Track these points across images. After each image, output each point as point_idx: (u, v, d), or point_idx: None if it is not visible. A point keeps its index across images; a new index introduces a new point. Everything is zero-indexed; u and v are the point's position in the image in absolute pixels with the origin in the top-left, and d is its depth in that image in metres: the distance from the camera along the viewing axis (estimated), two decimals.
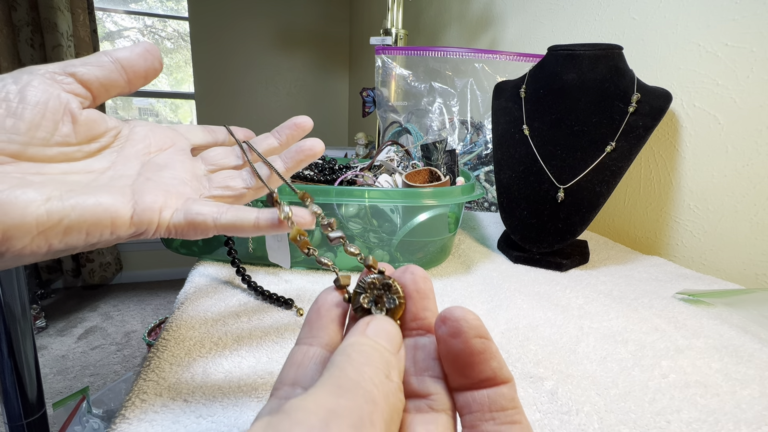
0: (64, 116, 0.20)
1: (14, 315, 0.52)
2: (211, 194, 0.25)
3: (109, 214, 0.20)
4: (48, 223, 0.18)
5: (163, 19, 2.79)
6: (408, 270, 0.18)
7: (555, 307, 0.44)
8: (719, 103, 0.59)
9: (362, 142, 1.40)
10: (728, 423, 0.28)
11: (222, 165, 0.27)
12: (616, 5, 0.74)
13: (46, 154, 0.20)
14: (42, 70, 0.20)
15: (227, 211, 0.22)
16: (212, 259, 0.52)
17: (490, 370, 0.15)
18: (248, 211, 0.22)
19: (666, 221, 0.67)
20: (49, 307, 2.18)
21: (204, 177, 0.26)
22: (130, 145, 0.24)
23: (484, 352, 0.15)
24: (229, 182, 0.26)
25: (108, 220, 0.20)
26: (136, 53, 0.23)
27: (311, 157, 0.27)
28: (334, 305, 0.18)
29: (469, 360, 0.15)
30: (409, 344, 0.17)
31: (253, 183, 0.26)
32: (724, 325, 0.42)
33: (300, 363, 0.16)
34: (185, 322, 0.38)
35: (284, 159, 0.28)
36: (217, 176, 0.26)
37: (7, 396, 0.53)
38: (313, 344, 0.17)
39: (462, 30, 1.30)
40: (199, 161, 0.27)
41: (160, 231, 0.22)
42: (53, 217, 0.18)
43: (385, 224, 0.49)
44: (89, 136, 0.22)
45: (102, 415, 1.03)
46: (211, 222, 0.22)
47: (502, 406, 0.14)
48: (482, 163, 0.85)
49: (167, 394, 0.29)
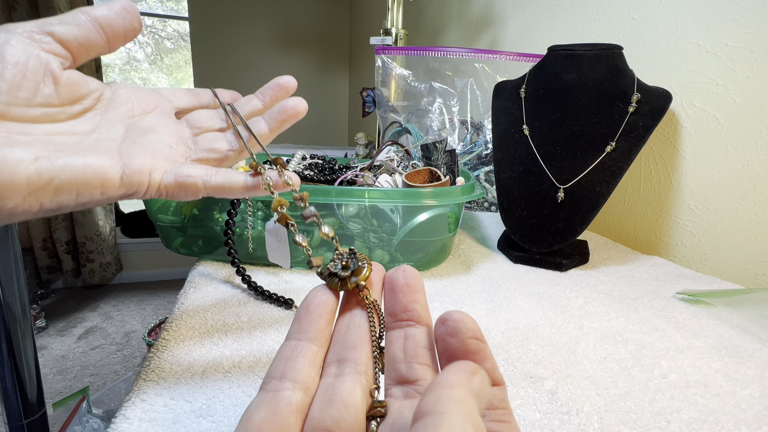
0: (45, 77, 0.20)
1: (14, 315, 0.52)
2: (197, 157, 0.26)
3: (98, 175, 0.20)
4: (38, 183, 0.18)
5: (163, 19, 2.79)
6: (400, 268, 0.19)
7: (555, 307, 0.44)
8: (719, 103, 0.59)
9: (362, 142, 1.40)
10: (728, 423, 0.28)
11: (206, 128, 0.27)
12: (616, 5, 0.74)
13: (29, 115, 0.20)
14: (20, 29, 0.20)
15: (216, 173, 0.23)
16: (212, 259, 0.52)
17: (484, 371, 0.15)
18: (237, 174, 0.23)
19: (666, 221, 0.67)
20: (49, 307, 2.18)
21: (190, 140, 0.26)
22: (113, 108, 0.24)
23: (478, 353, 0.16)
24: (213, 144, 0.26)
25: (98, 181, 0.20)
26: (114, 11, 0.22)
27: (294, 117, 0.27)
28: (323, 303, 0.18)
29: (464, 359, 0.15)
30: (399, 335, 0.18)
31: (237, 145, 0.26)
32: (724, 325, 0.42)
33: (288, 357, 0.16)
34: (185, 322, 0.38)
35: (267, 120, 0.27)
36: (201, 139, 0.26)
37: (7, 396, 0.53)
38: (302, 339, 0.17)
39: (462, 30, 1.30)
40: (183, 124, 0.27)
41: (150, 192, 0.22)
42: (43, 177, 0.18)
43: (385, 224, 0.49)
44: (71, 98, 0.22)
45: (102, 415, 1.03)
46: (201, 184, 0.23)
47: (493, 406, 0.15)
48: (482, 163, 0.85)
49: (167, 394, 0.29)
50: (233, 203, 0.45)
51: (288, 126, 0.28)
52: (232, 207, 0.45)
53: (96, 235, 2.30)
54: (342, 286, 0.19)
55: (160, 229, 0.53)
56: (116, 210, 2.54)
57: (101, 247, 2.34)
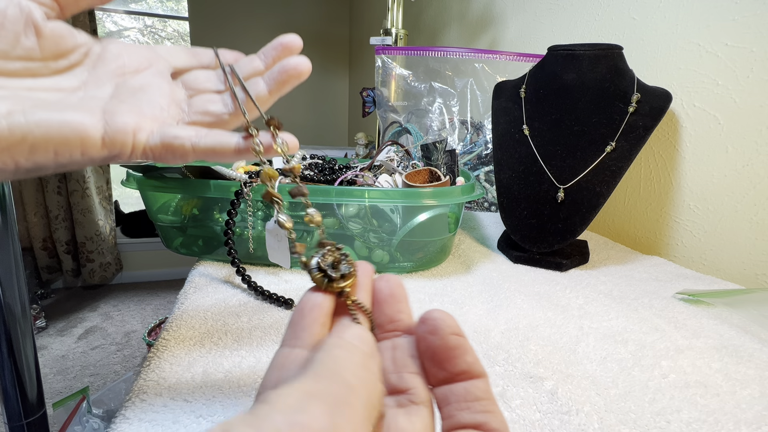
0: (26, 27, 0.19)
1: (14, 315, 0.51)
2: (190, 120, 0.24)
3: (77, 133, 0.19)
4: (10, 139, 0.17)
5: (163, 19, 2.79)
6: (383, 278, 0.19)
7: (555, 307, 0.44)
8: (719, 103, 0.59)
9: (362, 142, 1.40)
10: (728, 423, 0.28)
11: (203, 89, 0.25)
12: (616, 5, 0.74)
13: (7, 68, 0.19)
14: None
15: (206, 135, 0.22)
16: (212, 259, 0.52)
17: (465, 364, 0.16)
18: (229, 135, 0.22)
19: (666, 221, 0.67)
20: (49, 307, 2.18)
21: (184, 102, 0.24)
22: (102, 64, 0.22)
23: (459, 348, 0.16)
24: (208, 107, 0.24)
25: (77, 140, 0.19)
26: None
27: (295, 77, 0.25)
28: (318, 306, 0.18)
29: (446, 354, 0.16)
30: (387, 345, 0.18)
31: (233, 108, 0.24)
32: (724, 325, 0.42)
33: (282, 365, 0.16)
34: (185, 322, 0.38)
35: (267, 81, 0.25)
36: (196, 100, 0.25)
37: (7, 396, 0.53)
38: (296, 346, 0.16)
39: (462, 30, 1.30)
40: (179, 85, 0.25)
41: (136, 154, 0.21)
42: (15, 132, 0.17)
43: (385, 224, 0.49)
44: (56, 52, 0.20)
45: (102, 415, 1.03)
46: (189, 146, 0.21)
47: (477, 397, 0.16)
48: (482, 163, 0.85)
49: (167, 394, 0.29)
50: (233, 203, 0.45)
51: (289, 88, 0.25)
52: (232, 207, 0.45)
53: (96, 235, 2.30)
54: (327, 286, 0.18)
55: (160, 229, 0.53)
56: (116, 210, 2.54)
57: (101, 247, 2.34)
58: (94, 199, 2.27)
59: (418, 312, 0.17)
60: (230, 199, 0.45)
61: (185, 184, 0.47)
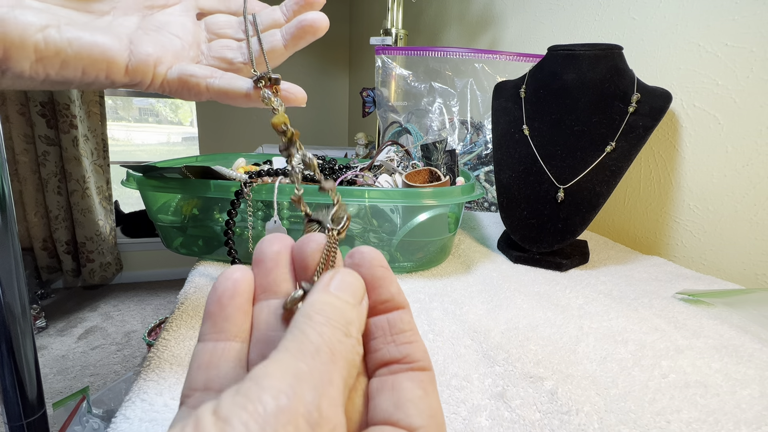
0: None
1: (14, 315, 0.51)
2: (208, 63, 0.25)
3: (105, 56, 0.20)
4: (45, 52, 0.18)
5: None
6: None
7: (555, 307, 0.44)
8: (719, 103, 0.59)
9: (362, 142, 1.40)
10: (728, 423, 0.28)
11: (223, 35, 0.26)
12: (616, 5, 0.74)
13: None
14: None
15: (222, 76, 0.23)
16: (212, 259, 0.52)
17: (389, 293, 0.17)
18: (241, 80, 0.23)
19: (666, 221, 0.67)
20: (49, 307, 2.18)
21: (204, 44, 0.25)
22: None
23: (384, 278, 0.17)
24: (226, 53, 0.25)
25: (104, 62, 0.20)
26: None
27: (312, 33, 0.25)
28: (237, 293, 0.16)
29: (371, 284, 0.17)
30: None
31: (253, 57, 0.25)
32: (724, 325, 0.42)
33: (209, 363, 0.15)
34: (185, 321, 0.38)
35: (284, 34, 0.25)
36: (215, 44, 0.25)
37: (7, 396, 0.53)
38: (221, 339, 0.15)
39: (462, 30, 1.30)
40: (202, 26, 0.26)
41: (154, 85, 0.22)
42: (50, 47, 0.18)
43: (385, 224, 0.49)
44: None
45: (102, 415, 1.03)
46: (204, 85, 0.22)
47: (401, 329, 0.16)
48: (482, 163, 0.85)
49: (167, 394, 0.29)
50: (233, 203, 0.45)
51: (305, 44, 0.25)
52: (232, 207, 0.45)
53: (96, 235, 2.30)
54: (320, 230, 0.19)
55: (160, 229, 0.53)
56: (116, 210, 2.55)
57: (101, 247, 2.34)
58: (94, 199, 2.27)
59: (418, 311, 0.17)
60: (230, 199, 0.45)
61: (185, 184, 0.47)
